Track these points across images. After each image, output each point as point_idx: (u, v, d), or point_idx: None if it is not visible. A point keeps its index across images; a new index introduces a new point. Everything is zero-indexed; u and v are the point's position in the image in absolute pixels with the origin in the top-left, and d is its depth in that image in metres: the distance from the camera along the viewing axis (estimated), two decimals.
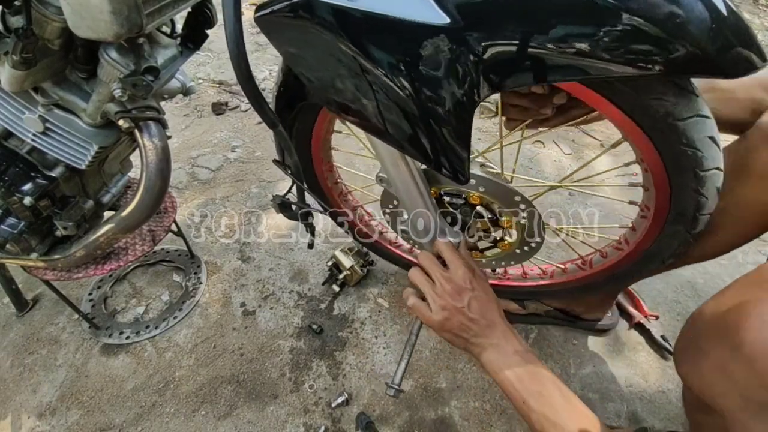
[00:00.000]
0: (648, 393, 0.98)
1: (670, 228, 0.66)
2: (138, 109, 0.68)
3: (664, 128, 0.52)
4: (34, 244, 0.86)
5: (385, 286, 1.19)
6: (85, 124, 0.71)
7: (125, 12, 0.51)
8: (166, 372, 1.00)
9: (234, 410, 0.94)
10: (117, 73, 0.60)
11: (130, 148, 0.92)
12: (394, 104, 0.50)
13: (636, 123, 0.54)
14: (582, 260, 0.90)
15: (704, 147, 0.53)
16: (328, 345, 1.06)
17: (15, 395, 0.96)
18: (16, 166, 0.77)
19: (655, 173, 0.60)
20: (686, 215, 0.62)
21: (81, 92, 0.69)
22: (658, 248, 0.71)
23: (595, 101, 0.54)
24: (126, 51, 0.60)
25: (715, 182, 0.57)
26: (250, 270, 1.23)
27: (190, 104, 1.95)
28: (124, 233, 0.84)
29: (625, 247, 0.78)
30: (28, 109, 0.70)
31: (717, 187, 0.58)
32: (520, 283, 1.00)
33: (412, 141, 0.53)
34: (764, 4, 3.15)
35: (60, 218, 0.82)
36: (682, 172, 0.56)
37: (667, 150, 0.55)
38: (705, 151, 0.53)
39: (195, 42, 0.76)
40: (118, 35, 0.53)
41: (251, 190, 1.50)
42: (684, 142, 0.52)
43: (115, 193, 0.95)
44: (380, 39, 0.45)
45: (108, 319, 1.10)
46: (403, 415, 0.93)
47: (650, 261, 0.75)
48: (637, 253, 0.75)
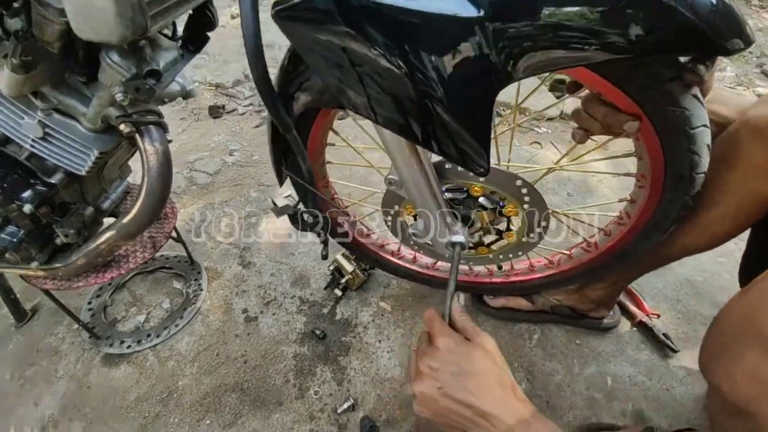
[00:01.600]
0: (653, 391, 0.98)
1: (669, 194, 0.67)
2: (139, 113, 0.67)
3: (652, 92, 0.55)
4: (34, 252, 0.84)
5: (388, 289, 1.19)
6: (85, 128, 0.70)
7: (129, 14, 0.50)
8: (169, 381, 0.99)
9: (239, 418, 0.93)
10: (119, 76, 0.60)
11: (129, 153, 0.90)
12: (418, 98, 0.49)
13: (624, 91, 0.56)
14: (587, 242, 0.89)
15: (691, 106, 0.55)
16: (332, 350, 1.05)
17: (16, 408, 0.95)
18: (15, 172, 0.76)
19: (647, 140, 0.61)
20: (683, 177, 0.63)
21: (81, 96, 0.68)
22: (660, 216, 0.72)
23: (578, 71, 0.57)
24: (128, 54, 0.59)
25: (705, 139, 0.59)
26: (251, 275, 1.22)
27: (187, 108, 1.94)
28: (125, 240, 0.83)
29: (627, 220, 0.78)
30: (27, 114, 0.69)
31: (707, 144, 0.60)
32: (528, 277, 0.99)
33: (434, 134, 0.53)
34: (756, 5, 3.18)
35: (60, 225, 0.81)
36: (672, 133, 0.58)
37: (656, 113, 0.57)
38: (692, 110, 0.56)
39: (196, 44, 0.75)
40: (123, 38, 0.52)
41: (250, 194, 1.49)
42: (672, 103, 0.55)
43: (115, 199, 0.94)
44: (407, 33, 0.45)
45: (108, 328, 1.09)
46: (409, 419, 0.93)
47: (654, 231, 0.75)
48: (640, 225, 0.75)
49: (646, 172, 0.67)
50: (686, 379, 1.00)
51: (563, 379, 1.00)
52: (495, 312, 1.10)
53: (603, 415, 0.94)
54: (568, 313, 1.07)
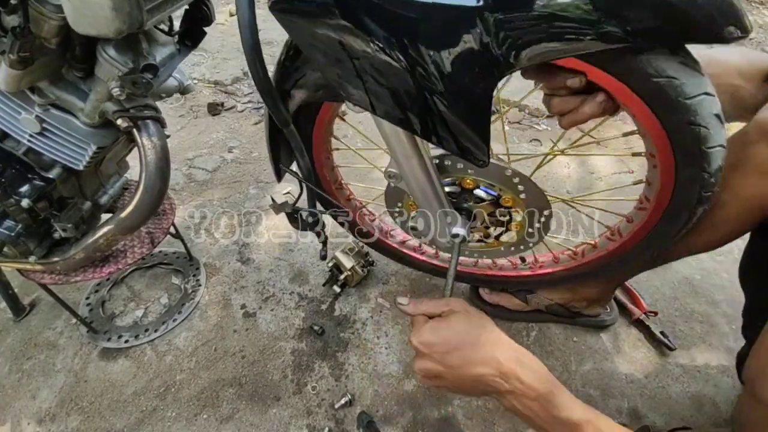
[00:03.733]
0: (648, 389, 0.98)
1: (683, 172, 0.62)
2: (136, 108, 0.67)
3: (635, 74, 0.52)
4: (32, 246, 0.85)
5: (386, 286, 1.19)
6: (82, 123, 0.70)
7: (126, 8, 0.51)
8: (166, 376, 0.99)
9: (236, 413, 0.93)
10: (115, 71, 0.60)
11: (127, 149, 0.90)
12: (417, 90, 0.50)
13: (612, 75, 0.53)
14: (610, 231, 0.86)
15: (680, 74, 0.51)
16: (330, 346, 1.05)
17: (14, 401, 0.95)
18: (13, 167, 0.76)
19: (641, 117, 0.58)
20: (693, 153, 0.58)
21: (78, 91, 0.68)
22: (681, 197, 0.67)
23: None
24: (124, 49, 0.60)
25: (709, 109, 0.54)
26: (249, 271, 1.23)
27: (186, 105, 1.94)
28: (123, 234, 0.83)
29: (647, 204, 0.74)
30: (25, 110, 0.69)
31: (714, 114, 0.54)
32: (552, 270, 0.97)
33: (433, 126, 0.53)
34: (757, 1, 3.18)
35: (59, 220, 0.81)
36: (665, 105, 0.54)
37: (639, 85, 0.54)
38: (683, 78, 0.52)
39: (193, 40, 0.75)
40: (119, 31, 0.52)
41: (249, 191, 1.49)
42: (653, 73, 0.52)
43: (113, 194, 0.94)
44: (405, 24, 0.46)
45: (106, 322, 1.09)
46: (406, 414, 0.93)
47: (677, 215, 0.70)
48: (662, 207, 0.70)
49: (654, 151, 0.63)
50: (682, 378, 1.00)
51: (560, 377, 0.99)
52: (490, 309, 1.10)
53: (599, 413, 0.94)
54: (562, 312, 1.07)
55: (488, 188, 0.80)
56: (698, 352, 1.05)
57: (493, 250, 0.95)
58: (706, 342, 1.07)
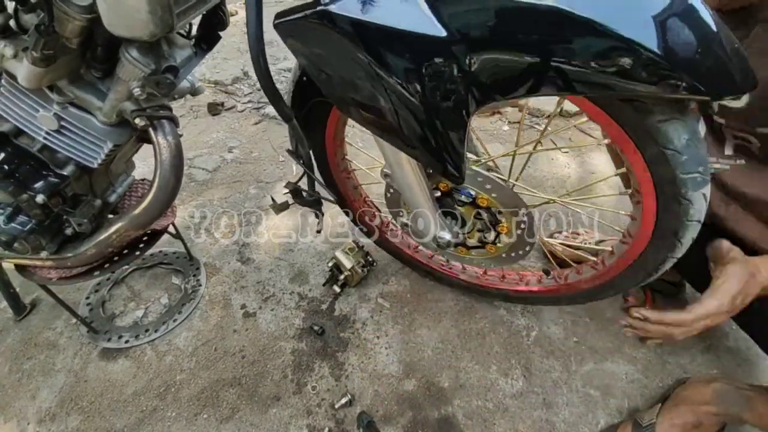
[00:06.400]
0: (649, 389, 0.98)
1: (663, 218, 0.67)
2: (152, 107, 0.69)
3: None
4: (44, 242, 0.85)
5: (386, 286, 1.19)
6: (99, 122, 0.71)
7: (159, 12, 0.53)
8: (166, 376, 1.00)
9: (236, 413, 0.93)
10: (138, 72, 0.61)
11: (135, 149, 0.92)
12: (397, 108, 0.53)
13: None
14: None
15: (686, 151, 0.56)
16: (330, 346, 1.05)
17: (14, 401, 0.95)
18: (27, 164, 0.77)
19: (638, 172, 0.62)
20: (674, 214, 0.64)
21: (96, 91, 0.69)
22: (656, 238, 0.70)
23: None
24: (147, 51, 0.61)
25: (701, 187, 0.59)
26: (249, 271, 1.23)
27: (186, 105, 1.94)
28: (136, 230, 0.84)
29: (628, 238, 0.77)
30: (43, 107, 0.70)
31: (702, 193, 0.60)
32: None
33: (413, 142, 0.57)
34: None
35: (74, 216, 0.82)
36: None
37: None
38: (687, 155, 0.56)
39: (209, 43, 0.77)
40: (153, 34, 0.54)
41: (249, 191, 1.49)
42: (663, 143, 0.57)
43: (121, 192, 0.95)
44: (389, 49, 0.50)
45: (106, 323, 1.09)
46: (406, 414, 0.93)
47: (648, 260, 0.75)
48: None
49: (638, 188, 0.67)
50: (683, 377, 1.00)
51: (560, 376, 1.00)
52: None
53: (599, 412, 0.94)
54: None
55: (464, 189, 0.83)
56: (698, 352, 1.05)
57: (494, 257, 0.95)
58: (706, 342, 1.07)
